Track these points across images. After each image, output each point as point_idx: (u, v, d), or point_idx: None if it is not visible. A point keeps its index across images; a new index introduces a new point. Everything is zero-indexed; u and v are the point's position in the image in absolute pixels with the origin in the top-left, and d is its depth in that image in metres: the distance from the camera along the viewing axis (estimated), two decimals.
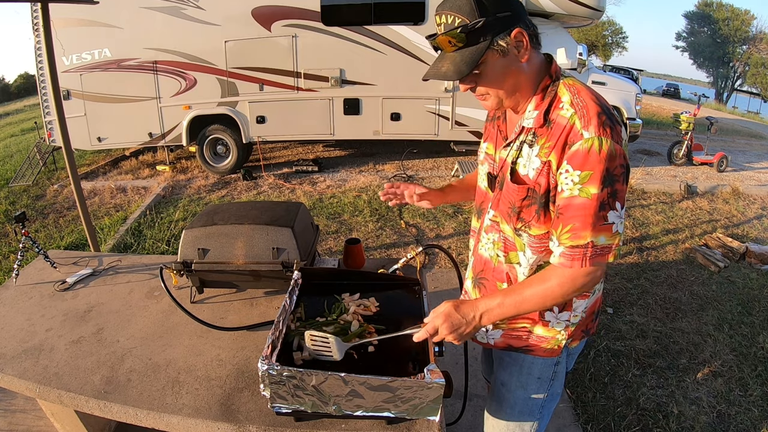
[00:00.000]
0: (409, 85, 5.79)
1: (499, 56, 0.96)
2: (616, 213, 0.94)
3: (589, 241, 0.94)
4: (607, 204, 0.93)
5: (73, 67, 5.80)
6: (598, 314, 1.25)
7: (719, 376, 2.46)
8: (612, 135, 0.91)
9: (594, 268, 0.97)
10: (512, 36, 0.94)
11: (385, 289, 1.40)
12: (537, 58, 1.01)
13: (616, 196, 0.93)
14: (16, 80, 32.97)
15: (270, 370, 0.99)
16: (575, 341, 1.18)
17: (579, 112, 0.94)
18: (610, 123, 0.92)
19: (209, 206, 1.87)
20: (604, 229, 0.94)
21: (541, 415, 1.27)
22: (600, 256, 0.96)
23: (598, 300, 1.20)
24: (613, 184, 0.92)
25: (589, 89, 0.99)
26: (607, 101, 0.99)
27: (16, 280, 1.86)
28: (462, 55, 0.95)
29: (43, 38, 2.53)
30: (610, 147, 0.91)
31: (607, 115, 0.93)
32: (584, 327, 1.18)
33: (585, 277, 0.98)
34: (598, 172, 0.91)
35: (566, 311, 1.13)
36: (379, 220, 4.58)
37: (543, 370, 1.20)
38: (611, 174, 0.92)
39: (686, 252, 3.95)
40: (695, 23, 26.20)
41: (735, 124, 12.81)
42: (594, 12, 6.04)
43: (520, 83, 1.00)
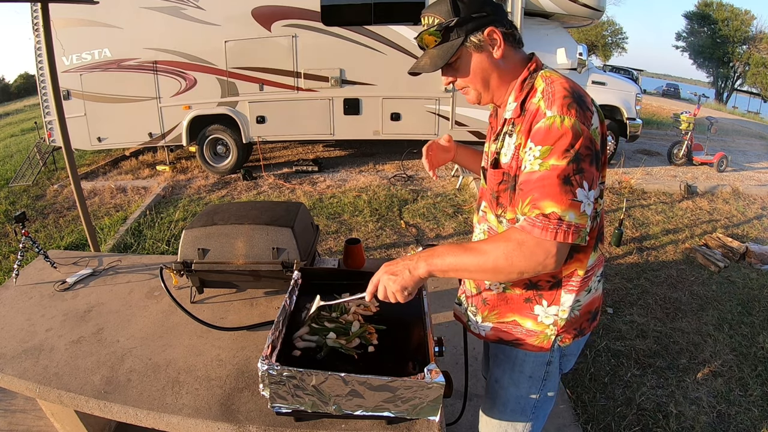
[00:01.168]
0: (409, 85, 5.79)
1: (474, 52, 1.04)
2: (584, 192, 0.91)
3: (551, 212, 0.90)
4: (573, 179, 0.90)
5: (73, 67, 5.80)
6: (596, 315, 1.22)
7: (719, 376, 2.46)
8: (576, 115, 0.92)
9: (553, 245, 0.91)
10: (485, 33, 1.01)
11: None
12: (515, 56, 1.07)
13: (582, 174, 0.91)
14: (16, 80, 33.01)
15: (270, 370, 0.99)
16: (567, 339, 1.16)
17: (545, 96, 0.97)
18: (576, 106, 0.94)
19: (209, 206, 1.87)
20: (573, 206, 0.90)
21: (535, 416, 1.26)
22: (566, 233, 0.90)
23: (595, 299, 1.18)
24: (578, 162, 0.91)
25: (567, 80, 1.00)
26: (583, 91, 1.00)
27: (16, 280, 1.86)
28: (438, 51, 1.05)
29: (43, 38, 2.53)
30: (573, 124, 0.91)
31: (575, 99, 0.94)
32: (577, 326, 1.16)
33: (539, 253, 0.92)
34: (560, 146, 0.91)
35: (554, 305, 1.12)
36: (379, 220, 4.58)
37: (535, 369, 1.19)
38: (576, 151, 0.91)
39: (686, 252, 3.95)
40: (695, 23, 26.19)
41: (735, 124, 12.82)
42: (594, 12, 6.04)
43: (495, 77, 1.06)
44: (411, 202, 5.05)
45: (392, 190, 5.41)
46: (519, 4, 5.31)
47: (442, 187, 5.60)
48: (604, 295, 1.27)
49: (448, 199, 5.13)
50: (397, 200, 5.09)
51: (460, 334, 1.42)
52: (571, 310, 1.13)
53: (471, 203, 4.95)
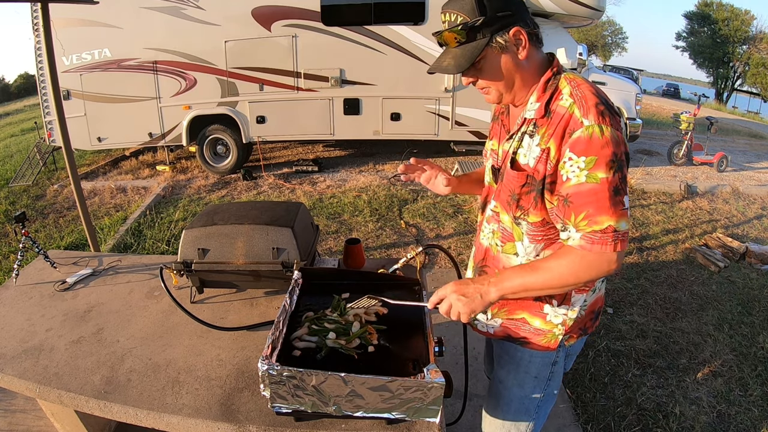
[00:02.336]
0: (409, 85, 5.79)
1: (498, 52, 1.01)
2: (627, 198, 0.97)
3: (608, 225, 0.94)
4: (621, 189, 0.95)
5: (73, 67, 5.80)
6: (598, 314, 1.23)
7: (719, 376, 2.46)
8: (611, 123, 0.94)
9: (614, 254, 0.96)
10: (511, 34, 0.99)
11: (385, 289, 1.40)
12: (537, 56, 1.05)
13: (625, 181, 0.96)
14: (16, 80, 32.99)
15: (270, 370, 0.99)
16: (572, 338, 1.18)
17: (578, 102, 0.97)
18: (608, 112, 0.95)
19: (209, 206, 1.87)
20: (624, 215, 0.95)
21: (537, 415, 1.27)
22: (621, 242, 0.95)
23: (599, 299, 1.20)
24: (621, 170, 0.94)
25: (589, 83, 1.02)
26: (606, 95, 1.01)
27: (16, 280, 1.86)
28: (463, 51, 1.00)
29: (43, 38, 2.53)
30: (612, 133, 0.93)
31: (606, 106, 0.96)
32: (582, 325, 1.18)
33: (602, 264, 0.97)
34: (604, 157, 0.93)
35: (564, 305, 1.13)
36: (379, 220, 4.58)
37: (540, 369, 1.21)
38: (618, 159, 0.94)
39: (686, 252, 3.95)
40: (695, 23, 26.19)
41: (735, 124, 12.82)
42: (594, 12, 6.03)
43: (518, 78, 1.05)
44: (411, 202, 5.05)
45: (392, 190, 5.41)
46: None
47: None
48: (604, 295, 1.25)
49: (448, 199, 5.13)
50: (397, 200, 5.09)
51: (460, 334, 1.42)
52: (580, 310, 1.14)
53: (471, 203, 4.95)
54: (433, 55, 5.61)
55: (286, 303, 1.24)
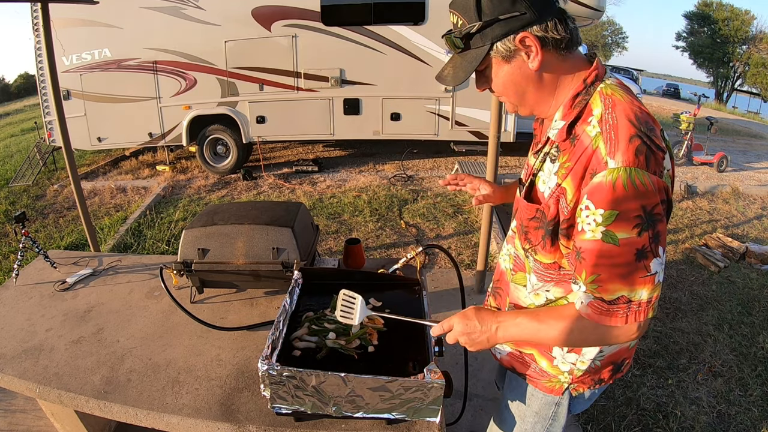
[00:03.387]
0: (409, 85, 5.79)
1: (502, 61, 0.87)
2: (659, 260, 0.78)
3: (620, 296, 0.79)
4: (649, 251, 0.77)
5: (73, 67, 5.80)
6: (620, 366, 1.06)
7: (719, 376, 2.46)
8: (647, 164, 0.75)
9: (626, 326, 0.82)
10: (517, 40, 0.83)
11: (385, 289, 1.40)
12: (562, 63, 0.87)
13: (658, 240, 0.77)
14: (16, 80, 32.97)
15: (270, 370, 0.99)
16: (582, 388, 1.06)
17: (606, 134, 0.78)
18: (645, 149, 0.75)
19: (209, 206, 1.87)
20: (645, 282, 0.78)
21: None
22: (638, 313, 0.80)
23: (622, 351, 1.03)
24: (653, 227, 0.76)
25: (632, 102, 0.81)
26: (650, 117, 0.82)
27: (16, 280, 1.86)
28: (462, 60, 0.89)
29: (43, 38, 2.53)
30: (642, 180, 0.74)
31: (644, 138, 0.76)
32: (596, 376, 1.04)
33: (610, 337, 0.85)
34: (628, 213, 0.75)
35: (573, 353, 1.01)
36: (379, 220, 4.58)
37: (542, 407, 1.11)
38: (648, 213, 0.75)
39: (686, 252, 3.95)
40: (695, 23, 26.19)
41: (735, 124, 12.81)
42: (594, 12, 6.03)
43: (531, 90, 0.89)
44: (411, 202, 5.05)
45: (392, 190, 5.41)
46: None
47: (442, 187, 5.60)
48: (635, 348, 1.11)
49: (448, 199, 5.12)
50: (397, 200, 5.09)
51: None
52: (592, 362, 1.01)
53: (471, 203, 4.95)
54: (433, 55, 5.62)
55: (286, 303, 1.24)
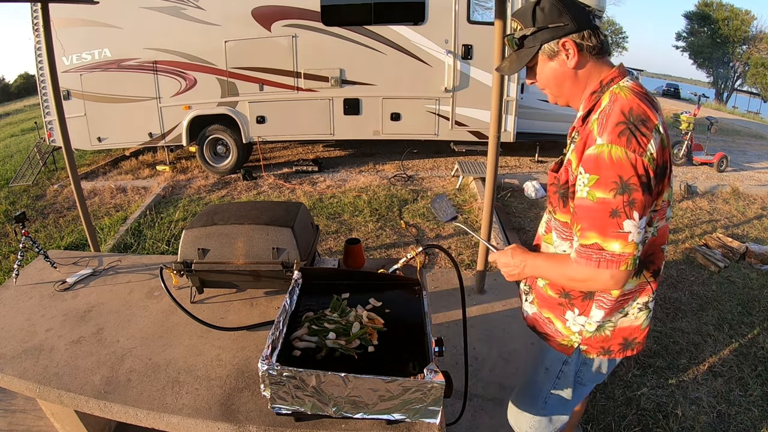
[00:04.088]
0: (409, 85, 5.79)
1: (547, 59, 1.10)
2: (633, 222, 0.96)
3: (594, 242, 1.00)
4: (622, 212, 0.96)
5: (73, 67, 5.80)
6: (630, 345, 1.20)
7: (719, 376, 2.46)
8: (627, 142, 0.95)
9: (598, 273, 1.01)
10: (560, 44, 1.06)
11: (385, 289, 1.40)
12: (594, 65, 1.09)
13: (633, 205, 0.95)
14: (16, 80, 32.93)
15: (270, 371, 0.99)
16: (591, 352, 1.22)
17: (600, 119, 1.01)
18: (629, 132, 0.96)
19: (209, 206, 1.87)
20: (618, 237, 0.97)
21: (544, 411, 1.35)
22: (609, 262, 0.99)
23: (634, 329, 1.18)
24: (628, 193, 0.95)
25: (632, 100, 1.01)
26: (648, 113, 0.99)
27: (16, 280, 1.86)
28: (517, 56, 1.13)
29: (43, 38, 2.53)
30: (620, 154, 0.95)
31: (629, 125, 0.96)
32: (606, 345, 1.20)
33: (587, 280, 1.04)
34: (607, 178, 0.96)
35: (582, 315, 1.18)
36: (379, 220, 4.58)
37: (552, 363, 1.29)
38: (624, 182, 0.95)
39: (686, 252, 3.95)
40: (695, 23, 26.18)
41: (735, 124, 12.81)
42: None
43: (569, 84, 1.11)
44: (411, 202, 5.05)
45: (392, 190, 5.41)
46: (519, 5, 5.32)
47: (442, 187, 5.60)
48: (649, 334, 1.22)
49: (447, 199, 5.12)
50: (397, 200, 5.09)
51: (460, 335, 1.43)
52: (600, 327, 1.18)
53: (471, 203, 4.95)
54: (433, 55, 5.63)
55: (286, 303, 1.24)
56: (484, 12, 5.49)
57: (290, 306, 1.27)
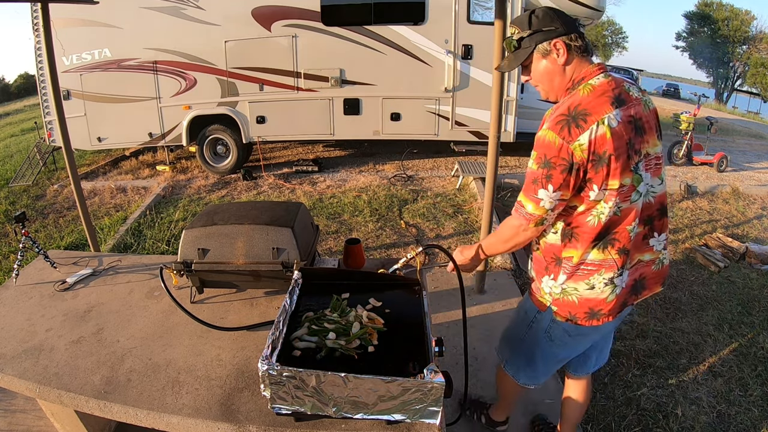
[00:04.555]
0: (409, 85, 5.79)
1: (541, 57, 1.27)
2: (546, 192, 1.20)
3: (520, 200, 1.27)
4: (539, 182, 1.20)
5: (73, 67, 5.80)
6: (596, 315, 1.34)
7: (719, 376, 2.46)
8: (559, 131, 1.17)
9: (517, 223, 1.29)
10: (552, 44, 1.24)
11: (385, 289, 1.40)
12: (577, 64, 1.25)
13: (549, 179, 1.19)
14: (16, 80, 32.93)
15: (270, 370, 0.99)
16: (560, 315, 1.39)
17: (553, 110, 1.24)
18: (564, 122, 1.17)
19: (209, 206, 1.87)
20: (533, 200, 1.23)
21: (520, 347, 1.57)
22: (525, 218, 1.26)
23: (599, 302, 1.32)
24: (548, 168, 1.18)
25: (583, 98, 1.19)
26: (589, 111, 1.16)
27: (16, 280, 1.86)
28: (515, 55, 1.31)
29: (43, 38, 2.53)
30: (551, 138, 1.18)
31: (568, 118, 1.17)
32: (572, 310, 1.36)
33: (512, 226, 1.31)
34: (539, 154, 1.21)
35: (553, 279, 1.38)
36: (379, 220, 4.57)
37: (528, 312, 1.52)
38: (548, 160, 1.18)
39: (686, 252, 3.95)
40: (695, 23, 26.17)
41: (735, 124, 12.81)
42: (594, 12, 6.03)
43: (557, 79, 1.28)
44: (411, 202, 5.05)
45: (392, 190, 5.41)
46: (519, 4, 5.31)
47: (442, 187, 5.60)
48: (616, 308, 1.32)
49: (448, 199, 5.13)
50: (397, 200, 5.09)
51: (460, 335, 1.43)
52: (564, 291, 1.35)
53: (471, 203, 4.95)
54: (433, 55, 5.63)
55: (286, 303, 1.24)
56: (484, 12, 5.49)
57: (290, 306, 1.27)
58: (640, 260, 1.33)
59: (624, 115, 1.17)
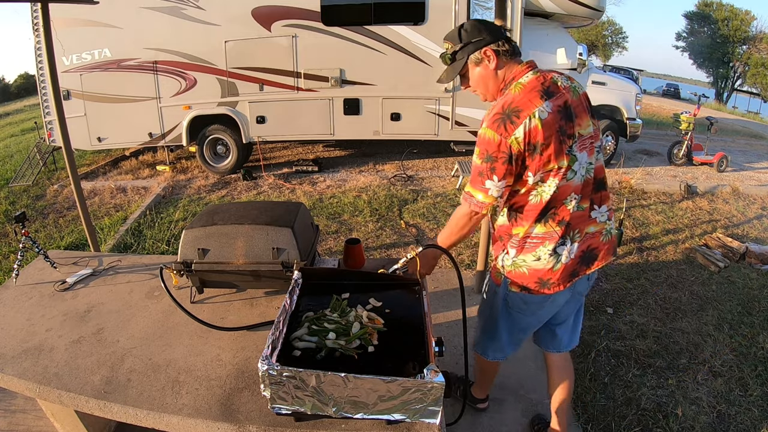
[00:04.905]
0: (409, 85, 5.79)
1: (475, 66, 1.42)
2: (493, 182, 1.33)
3: (468, 191, 1.39)
4: (485, 174, 1.33)
5: (73, 67, 5.80)
6: (546, 284, 1.46)
7: (719, 376, 2.46)
8: (497, 128, 1.30)
9: (467, 209, 1.40)
10: (483, 52, 1.38)
11: (385, 289, 1.40)
12: (507, 66, 1.40)
13: (493, 171, 1.32)
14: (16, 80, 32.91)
15: (270, 371, 0.99)
16: (514, 287, 1.51)
17: (489, 110, 1.36)
18: (500, 120, 1.30)
19: (209, 206, 1.87)
20: (482, 190, 1.36)
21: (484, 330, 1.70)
22: (475, 205, 1.38)
23: (547, 272, 1.44)
24: (490, 162, 1.32)
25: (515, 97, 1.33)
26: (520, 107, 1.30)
27: (16, 280, 1.86)
28: (452, 67, 1.46)
29: (43, 38, 2.53)
30: (490, 135, 1.31)
31: (503, 116, 1.30)
32: (524, 281, 1.48)
33: (464, 215, 1.42)
34: (480, 150, 1.34)
35: (506, 254, 1.50)
36: (379, 220, 4.58)
37: (489, 289, 1.64)
38: (489, 155, 1.32)
39: (686, 252, 3.95)
40: (695, 23, 26.17)
41: (735, 124, 12.81)
42: (594, 12, 6.03)
43: (491, 83, 1.42)
44: (411, 202, 5.05)
45: (392, 190, 5.41)
46: (519, 4, 5.31)
47: (442, 187, 5.60)
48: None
49: (448, 199, 5.13)
50: (397, 200, 5.09)
51: (460, 335, 1.43)
52: (515, 263, 1.48)
53: None
54: (433, 55, 5.62)
55: (286, 303, 1.24)
56: (484, 12, 5.49)
57: (290, 306, 1.27)
58: (586, 233, 1.44)
59: (554, 105, 1.31)
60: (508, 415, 2.03)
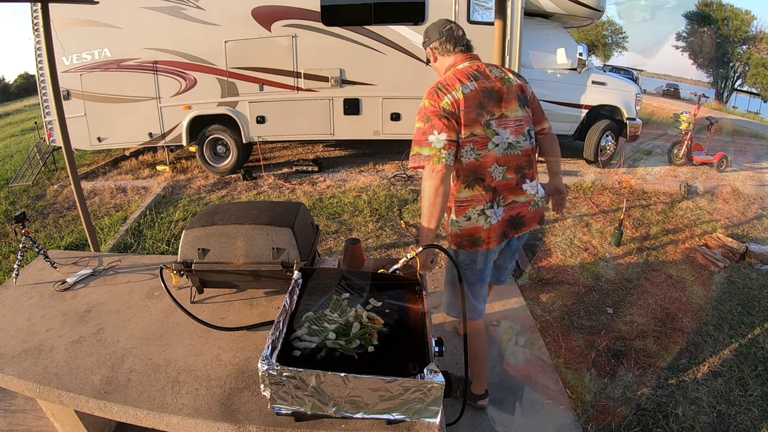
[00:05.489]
0: (409, 85, 5.78)
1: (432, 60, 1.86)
2: (434, 136, 1.59)
3: (416, 152, 1.63)
4: (427, 132, 1.60)
5: (73, 67, 5.79)
6: (477, 242, 1.74)
7: (719, 376, 2.46)
8: (431, 97, 1.65)
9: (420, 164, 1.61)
10: (429, 49, 1.84)
11: (385, 289, 1.40)
12: (446, 59, 1.80)
13: (434, 127, 1.59)
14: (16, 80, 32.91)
15: (270, 370, 0.99)
16: (454, 244, 1.80)
17: (429, 89, 1.69)
18: (433, 92, 1.66)
19: (209, 206, 1.88)
20: (426, 145, 1.60)
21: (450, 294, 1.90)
22: (425, 160, 1.60)
23: (477, 229, 1.72)
24: (428, 121, 1.61)
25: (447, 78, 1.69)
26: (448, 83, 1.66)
27: (16, 280, 1.86)
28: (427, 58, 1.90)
29: (43, 38, 2.53)
30: (427, 103, 1.65)
31: (436, 90, 1.66)
32: (459, 240, 1.76)
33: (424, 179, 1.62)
34: (420, 114, 1.65)
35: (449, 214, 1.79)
36: (379, 220, 4.58)
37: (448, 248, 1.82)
38: (427, 115, 1.62)
39: (686, 252, 3.95)
40: (695, 23, 26.16)
41: (735, 124, 12.81)
42: (594, 12, 6.03)
43: (441, 73, 1.81)
44: (411, 202, 5.05)
45: (392, 190, 5.41)
46: (519, 4, 5.31)
47: None
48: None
49: None
50: (397, 200, 5.09)
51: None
52: (454, 224, 1.77)
53: None
54: None
55: (286, 303, 1.24)
56: (484, 12, 5.49)
57: (290, 306, 1.27)
58: (515, 201, 1.74)
59: (478, 85, 1.64)
60: (508, 415, 2.03)
